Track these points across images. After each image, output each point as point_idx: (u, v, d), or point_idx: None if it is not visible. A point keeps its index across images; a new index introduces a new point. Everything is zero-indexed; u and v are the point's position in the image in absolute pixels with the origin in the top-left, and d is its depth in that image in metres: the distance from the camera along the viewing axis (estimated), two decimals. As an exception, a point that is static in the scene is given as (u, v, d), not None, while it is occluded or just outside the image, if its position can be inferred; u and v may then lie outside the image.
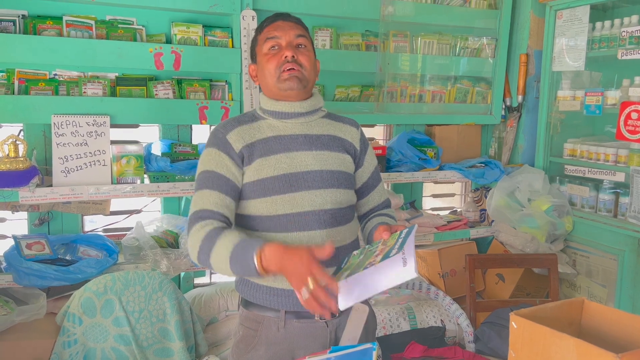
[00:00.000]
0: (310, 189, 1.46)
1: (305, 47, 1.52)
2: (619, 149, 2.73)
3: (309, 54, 1.52)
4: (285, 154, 1.48)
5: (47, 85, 2.30)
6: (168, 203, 2.67)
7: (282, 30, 1.50)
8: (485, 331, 2.46)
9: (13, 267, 2.13)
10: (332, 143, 1.54)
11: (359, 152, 1.60)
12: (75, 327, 2.10)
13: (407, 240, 1.21)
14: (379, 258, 1.20)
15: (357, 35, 2.89)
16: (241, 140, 1.48)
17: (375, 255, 1.25)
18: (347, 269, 1.28)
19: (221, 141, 1.48)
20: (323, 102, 1.60)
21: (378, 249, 1.30)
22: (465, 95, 3.19)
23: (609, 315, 1.33)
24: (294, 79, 1.47)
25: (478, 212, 3.24)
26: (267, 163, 1.46)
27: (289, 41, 1.49)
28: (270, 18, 1.55)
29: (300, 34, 1.52)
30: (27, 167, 2.17)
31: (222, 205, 1.42)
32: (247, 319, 1.53)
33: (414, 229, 1.27)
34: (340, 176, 1.52)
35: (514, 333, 1.27)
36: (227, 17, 2.57)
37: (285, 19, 1.53)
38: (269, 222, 1.46)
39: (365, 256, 1.29)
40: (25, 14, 2.28)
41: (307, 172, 1.48)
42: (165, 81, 2.48)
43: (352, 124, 1.63)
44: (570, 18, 2.93)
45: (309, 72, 1.51)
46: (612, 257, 2.77)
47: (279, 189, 1.44)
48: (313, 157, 1.50)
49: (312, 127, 1.54)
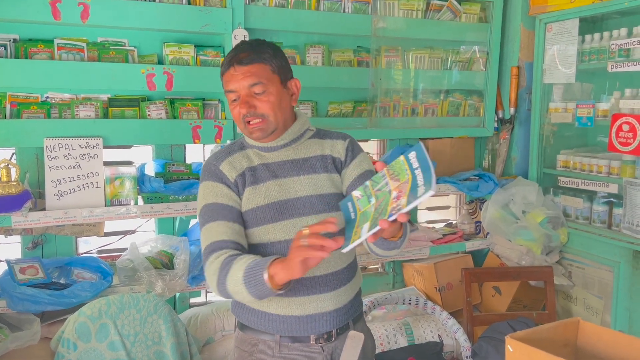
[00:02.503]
0: (302, 216, 1.46)
1: (264, 91, 1.43)
2: (612, 160, 2.74)
3: (269, 98, 1.44)
4: (274, 181, 1.48)
5: (39, 108, 2.29)
6: (162, 223, 2.66)
7: (235, 81, 1.43)
8: (483, 346, 2.46)
9: (6, 292, 2.11)
10: (320, 164, 1.52)
11: (343, 162, 1.54)
12: (70, 352, 2.08)
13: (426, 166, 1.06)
14: (404, 200, 1.06)
15: (349, 52, 2.90)
16: (233, 170, 1.48)
17: (395, 198, 1.10)
18: (366, 220, 1.14)
19: (215, 173, 1.48)
20: (308, 123, 1.58)
21: (391, 187, 1.12)
22: (458, 108, 3.20)
23: (605, 335, 1.33)
24: (258, 131, 1.46)
25: (473, 224, 3.25)
26: (257, 191, 1.46)
27: (243, 94, 1.43)
28: (226, 62, 1.46)
29: (254, 83, 1.42)
30: (20, 192, 2.16)
31: (231, 233, 1.41)
32: (242, 341, 1.53)
33: (422, 147, 1.10)
34: (331, 199, 1.50)
35: (510, 356, 1.26)
36: (219, 37, 2.58)
37: (238, 64, 1.43)
38: (264, 250, 1.46)
39: (379, 201, 1.14)
40: (16, 37, 2.28)
41: (297, 198, 1.47)
42: (158, 101, 2.48)
43: (341, 137, 1.58)
44: (560, 31, 2.95)
45: (274, 116, 1.45)
46: (608, 268, 2.77)
47: (271, 217, 1.44)
48: (301, 182, 1.49)
49: (299, 150, 1.53)
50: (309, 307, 1.46)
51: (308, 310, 1.46)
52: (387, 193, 1.13)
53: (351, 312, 1.54)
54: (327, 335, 1.49)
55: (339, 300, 1.49)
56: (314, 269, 1.44)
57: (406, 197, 1.06)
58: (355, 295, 1.57)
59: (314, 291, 1.46)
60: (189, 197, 2.42)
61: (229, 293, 1.34)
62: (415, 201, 1.03)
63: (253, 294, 1.29)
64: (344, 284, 1.51)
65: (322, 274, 1.47)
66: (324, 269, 1.47)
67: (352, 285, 1.55)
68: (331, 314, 1.48)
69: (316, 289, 1.46)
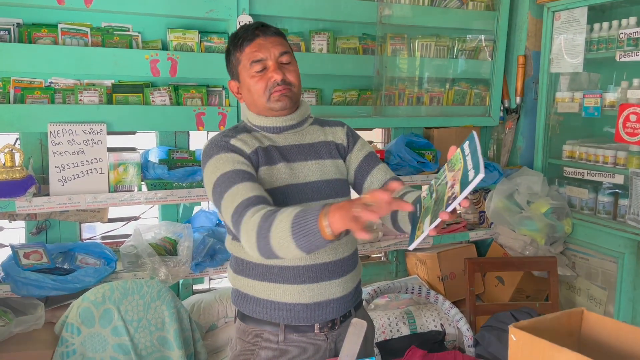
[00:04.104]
0: (310, 201, 1.45)
1: (291, 63, 1.46)
2: (618, 151, 2.72)
3: (295, 69, 1.48)
4: (286, 165, 1.46)
5: (43, 93, 2.29)
6: (166, 210, 2.66)
7: (265, 50, 1.42)
8: (485, 335, 2.46)
9: (11, 277, 2.12)
10: (325, 150, 1.53)
11: (346, 147, 1.56)
12: (74, 337, 2.09)
13: (475, 152, 1.06)
14: (457, 188, 1.06)
15: (354, 39, 2.88)
16: (246, 145, 1.43)
17: (450, 187, 1.09)
18: (427, 214, 1.14)
19: (226, 145, 1.41)
20: (310, 109, 1.58)
21: (448, 177, 1.13)
22: (464, 97, 3.18)
23: (609, 326, 1.33)
24: (285, 98, 1.44)
25: (477, 214, 3.24)
26: (271, 172, 1.43)
27: (275, 61, 1.43)
28: (249, 34, 1.44)
29: (285, 51, 1.45)
30: (24, 177, 2.16)
31: (256, 189, 1.31)
32: (245, 332, 1.51)
33: (475, 136, 1.09)
34: (337, 185, 1.51)
35: (513, 346, 1.26)
36: (223, 23, 2.56)
37: (265, 35, 1.44)
38: None
39: (438, 195, 1.14)
40: (20, 22, 2.27)
41: (306, 183, 1.46)
42: (161, 88, 2.47)
43: (339, 125, 1.60)
44: (568, 19, 2.92)
45: (298, 88, 1.48)
46: (612, 259, 2.76)
47: (282, 201, 1.42)
48: (310, 167, 1.48)
49: (304, 135, 1.53)
50: (317, 294, 1.45)
51: (316, 298, 1.45)
52: (444, 185, 1.13)
53: (354, 299, 1.55)
54: (331, 324, 1.49)
55: (346, 286, 1.49)
56: (322, 255, 1.44)
57: (459, 184, 1.06)
58: (358, 283, 1.58)
59: (323, 278, 1.45)
60: (192, 184, 2.41)
61: (271, 248, 1.21)
62: (467, 187, 1.01)
63: (301, 246, 1.16)
64: (350, 271, 1.51)
65: (330, 260, 1.46)
66: (332, 255, 1.46)
67: (356, 272, 1.55)
68: (337, 301, 1.48)
69: (325, 276, 1.45)
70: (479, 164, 1.02)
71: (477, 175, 1.00)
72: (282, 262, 1.44)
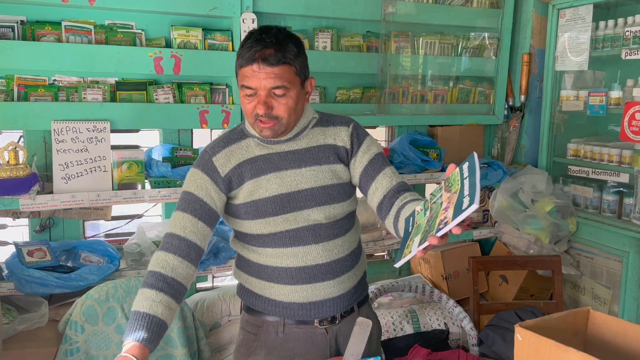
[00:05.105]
0: (303, 209, 1.44)
1: (285, 94, 1.36)
2: (623, 149, 2.70)
3: (287, 102, 1.37)
4: (275, 174, 1.43)
5: (47, 91, 2.29)
6: (170, 208, 2.66)
7: (257, 80, 1.34)
8: (489, 334, 2.45)
9: (14, 274, 2.12)
10: (322, 154, 1.47)
11: (350, 150, 1.49)
12: (78, 335, 2.09)
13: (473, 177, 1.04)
14: (450, 213, 1.04)
15: (358, 37, 2.87)
16: (228, 163, 1.43)
17: (444, 209, 1.07)
18: (417, 233, 1.13)
19: (207, 163, 1.43)
20: (312, 112, 1.51)
21: (443, 198, 1.12)
22: (468, 95, 3.17)
23: (615, 325, 1.32)
24: (268, 130, 1.39)
25: (481, 213, 3.23)
26: (258, 184, 1.42)
27: (265, 92, 1.35)
28: (248, 56, 1.34)
29: (277, 86, 1.34)
30: (28, 174, 2.15)
31: (191, 230, 1.39)
32: (247, 322, 1.55)
33: (475, 158, 1.07)
34: (333, 190, 1.47)
35: (519, 345, 1.25)
36: (227, 20, 2.55)
37: (263, 62, 1.33)
38: (265, 239, 1.45)
39: (432, 213, 1.13)
40: (23, 19, 2.26)
41: (299, 191, 1.44)
42: (165, 85, 2.46)
43: (344, 123, 1.51)
44: (573, 17, 2.90)
45: (288, 119, 1.39)
46: (617, 258, 2.75)
47: (272, 210, 1.42)
48: (303, 174, 1.45)
49: (301, 140, 1.47)
50: (312, 294, 1.45)
51: (310, 298, 1.45)
52: (439, 204, 1.11)
53: (355, 296, 1.54)
54: (331, 319, 1.49)
55: (343, 286, 1.49)
56: (315, 257, 1.44)
57: (452, 208, 1.04)
58: (359, 281, 1.56)
59: (316, 279, 1.45)
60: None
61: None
62: (459, 216, 1.00)
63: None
64: (347, 271, 1.50)
65: (324, 262, 1.45)
66: (325, 257, 1.45)
67: (355, 271, 1.54)
68: (335, 300, 1.48)
69: (318, 277, 1.45)
70: (474, 193, 1.00)
71: (471, 206, 0.99)
72: (275, 262, 1.45)
